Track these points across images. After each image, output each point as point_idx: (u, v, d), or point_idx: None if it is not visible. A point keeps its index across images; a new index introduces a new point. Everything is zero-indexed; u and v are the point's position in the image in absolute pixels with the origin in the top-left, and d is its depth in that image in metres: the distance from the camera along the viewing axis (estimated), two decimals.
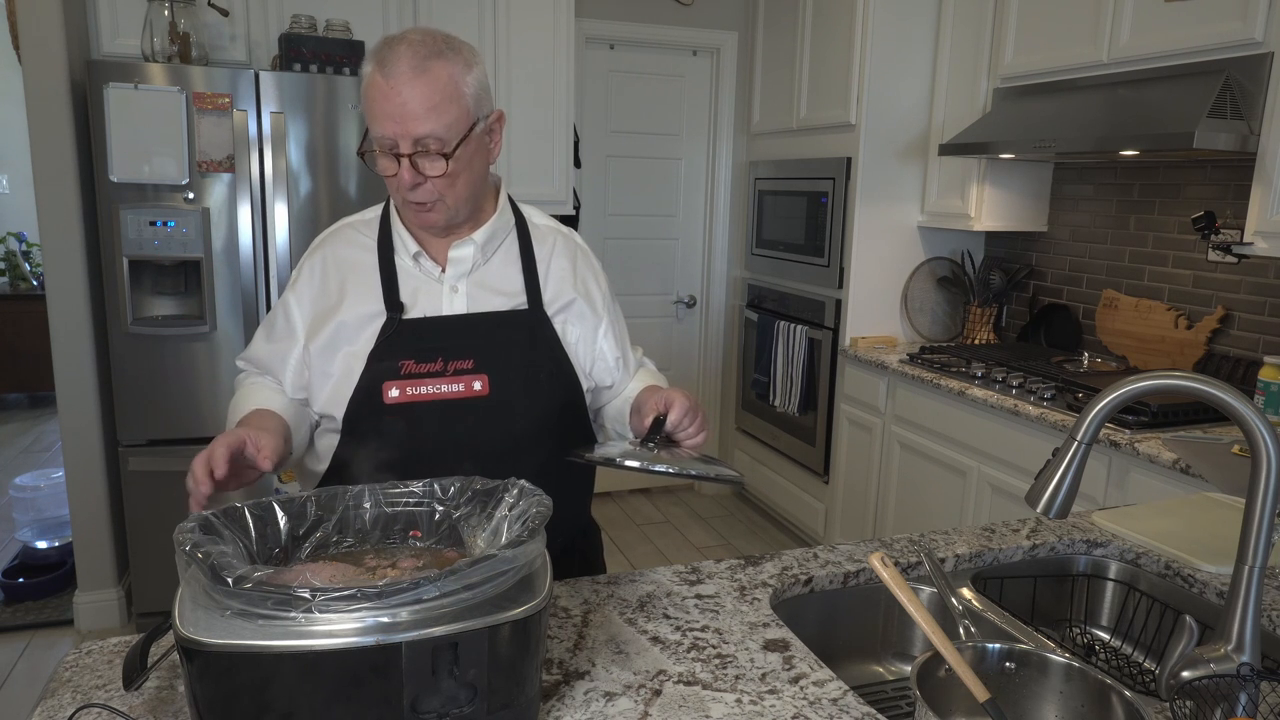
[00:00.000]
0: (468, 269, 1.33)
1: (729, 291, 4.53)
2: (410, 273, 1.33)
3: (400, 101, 1.18)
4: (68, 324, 2.91)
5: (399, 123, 1.18)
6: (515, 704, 0.85)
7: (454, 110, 1.20)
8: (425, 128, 1.19)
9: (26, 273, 5.93)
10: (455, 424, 1.28)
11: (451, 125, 1.20)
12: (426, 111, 1.18)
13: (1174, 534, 1.46)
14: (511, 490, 1.00)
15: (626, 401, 1.40)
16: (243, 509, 0.95)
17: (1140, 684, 1.16)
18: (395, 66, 1.18)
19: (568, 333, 1.37)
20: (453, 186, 1.25)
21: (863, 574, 1.33)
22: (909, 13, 3.35)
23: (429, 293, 1.32)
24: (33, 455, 5.08)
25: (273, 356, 1.36)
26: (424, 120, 1.18)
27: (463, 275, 1.33)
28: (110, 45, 2.95)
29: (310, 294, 1.35)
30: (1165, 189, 2.88)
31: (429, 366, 1.27)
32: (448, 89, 1.19)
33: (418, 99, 1.18)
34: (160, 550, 2.96)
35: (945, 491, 2.95)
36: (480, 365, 1.28)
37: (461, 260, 1.33)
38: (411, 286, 1.32)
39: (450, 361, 1.28)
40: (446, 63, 1.20)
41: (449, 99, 1.20)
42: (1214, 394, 0.91)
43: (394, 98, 1.18)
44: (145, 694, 0.96)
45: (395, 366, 1.27)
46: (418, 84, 1.18)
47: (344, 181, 3.01)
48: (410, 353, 1.27)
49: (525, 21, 3.46)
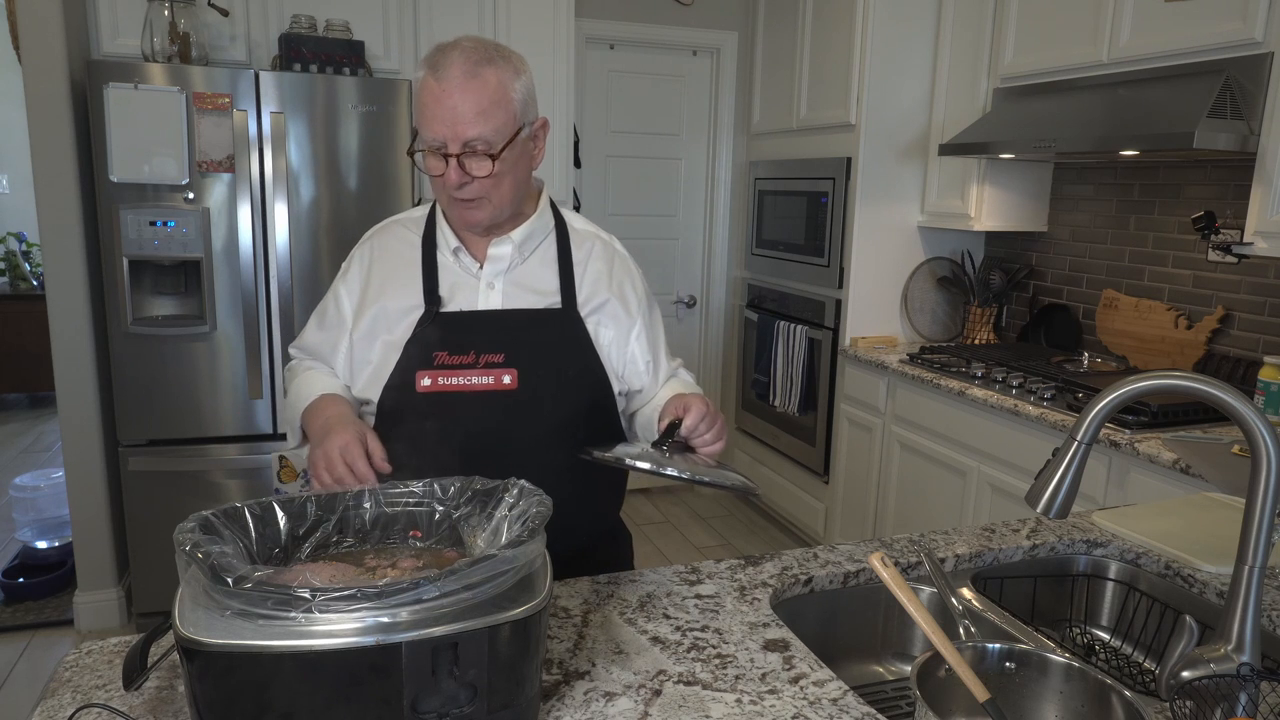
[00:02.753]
0: (505, 266, 1.37)
1: (729, 291, 4.53)
2: (450, 268, 1.38)
3: (451, 105, 1.23)
4: (68, 324, 2.91)
5: (449, 125, 1.23)
6: (515, 704, 0.85)
7: (501, 115, 1.25)
8: (474, 131, 1.24)
9: (26, 273, 5.93)
10: (484, 416, 1.31)
11: (499, 129, 1.25)
12: (475, 115, 1.23)
13: (1174, 534, 1.46)
14: (511, 490, 1.00)
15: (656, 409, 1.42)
16: (243, 509, 0.95)
17: (1140, 684, 1.16)
18: (448, 71, 1.23)
19: (600, 334, 1.39)
20: (498, 187, 1.29)
21: (863, 574, 1.33)
22: (909, 13, 3.35)
23: (467, 288, 1.37)
24: (33, 455, 5.08)
25: (324, 344, 1.42)
26: (473, 124, 1.23)
27: (500, 273, 1.37)
28: (110, 45, 2.95)
29: (358, 283, 1.41)
30: (1165, 189, 2.88)
31: (461, 359, 1.31)
32: (496, 94, 1.25)
33: (468, 103, 1.23)
34: (160, 550, 2.96)
35: (945, 491, 2.95)
36: (511, 360, 1.31)
37: (499, 258, 1.37)
38: (450, 281, 1.37)
39: (482, 355, 1.31)
40: (496, 69, 1.25)
41: (497, 104, 1.25)
42: (1214, 394, 0.91)
43: (445, 101, 1.23)
44: (145, 694, 0.96)
45: (429, 356, 1.31)
46: (469, 89, 1.23)
47: (344, 181, 3.01)
48: (444, 344, 1.31)
49: (525, 21, 3.46)
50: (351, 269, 1.43)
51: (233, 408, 3.01)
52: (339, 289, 1.42)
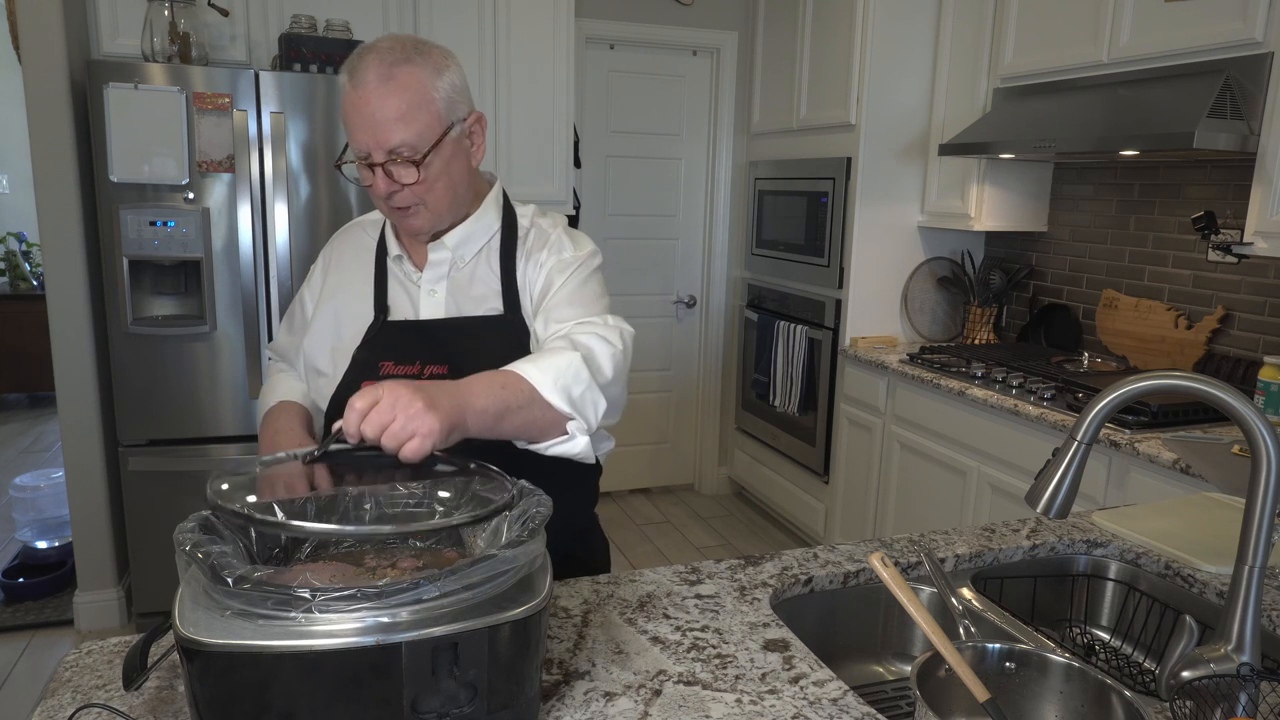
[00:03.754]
0: (445, 272, 1.34)
1: (729, 291, 4.53)
2: (396, 274, 1.36)
3: (370, 112, 1.18)
4: (68, 324, 2.91)
5: (370, 133, 1.19)
6: (515, 704, 0.85)
7: (423, 117, 1.20)
8: (396, 137, 1.19)
9: (26, 273, 5.93)
10: None
11: (422, 133, 1.20)
12: (395, 121, 1.18)
13: (1174, 534, 1.46)
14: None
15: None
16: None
17: (1140, 684, 1.16)
18: (363, 76, 1.18)
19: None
20: (431, 191, 1.25)
21: (863, 574, 1.33)
22: (909, 13, 3.35)
23: (410, 295, 1.35)
24: (33, 455, 5.08)
25: (290, 348, 1.42)
26: (394, 129, 1.19)
27: (440, 278, 1.34)
28: (110, 45, 2.95)
29: (318, 286, 1.40)
30: (1165, 189, 2.88)
31: (407, 369, 1.28)
32: (416, 96, 1.19)
33: (387, 108, 1.18)
34: (160, 550, 2.96)
35: (945, 491, 2.95)
36: (455, 370, 1.26)
37: (438, 263, 1.34)
38: (397, 288, 1.35)
39: (427, 365, 1.29)
40: (414, 68, 1.20)
41: (417, 106, 1.19)
42: (1214, 394, 0.91)
43: (364, 108, 1.18)
44: (145, 694, 0.96)
45: (376, 365, 1.29)
46: (385, 93, 1.18)
47: (344, 181, 3.00)
48: (390, 354, 1.29)
49: (525, 21, 3.46)
50: (314, 274, 1.42)
51: (233, 408, 3.01)
52: (304, 293, 1.42)
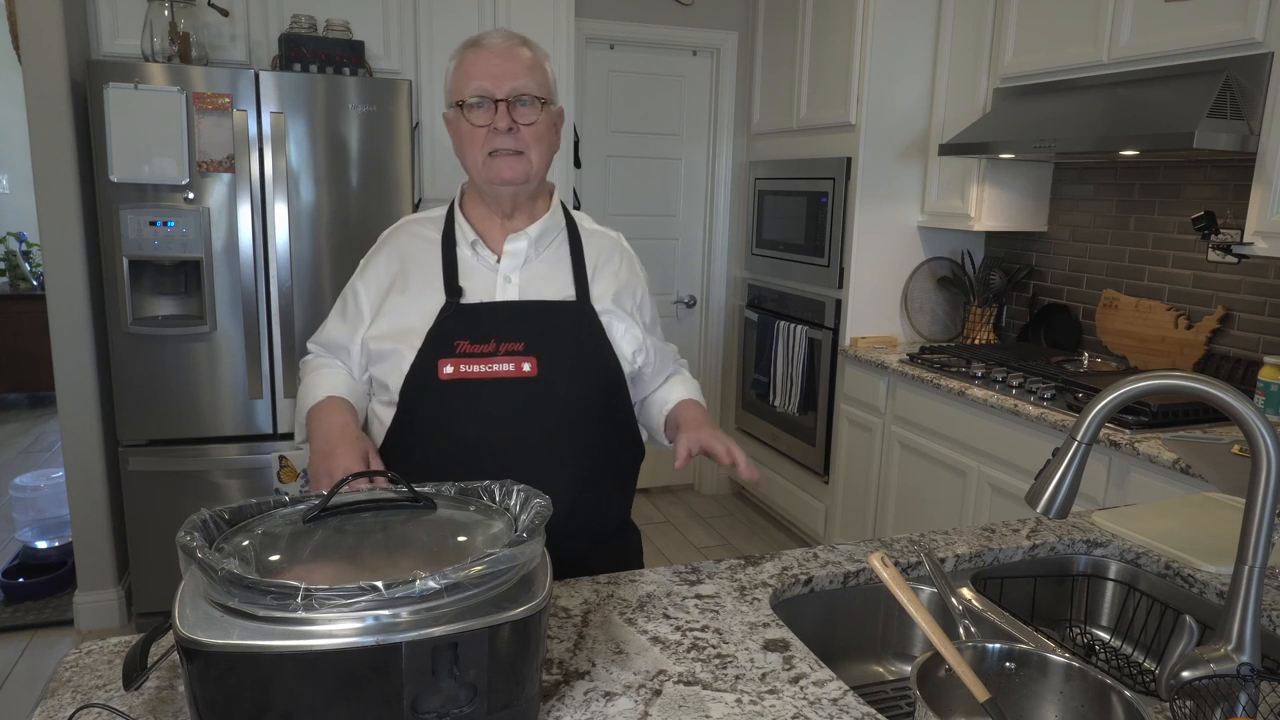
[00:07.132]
0: (521, 261, 1.42)
1: (729, 291, 4.53)
2: (468, 262, 1.41)
3: (498, 61, 1.33)
4: (68, 324, 2.91)
5: (496, 78, 1.32)
6: (515, 704, 0.85)
7: (541, 78, 1.36)
8: (521, 81, 1.33)
9: (26, 273, 5.93)
10: (505, 401, 1.34)
11: (542, 86, 1.36)
12: (522, 69, 1.33)
13: (1174, 534, 1.46)
14: (512, 491, 1.00)
15: (660, 407, 1.51)
16: (243, 509, 0.95)
17: (1140, 684, 1.16)
18: (490, 40, 1.34)
19: (614, 326, 1.43)
20: (538, 143, 1.36)
21: (863, 574, 1.33)
22: (909, 13, 3.35)
23: (485, 281, 1.40)
24: (33, 455, 5.08)
25: (344, 337, 1.46)
26: (520, 75, 1.33)
27: (516, 267, 1.41)
28: (110, 45, 2.95)
29: (377, 280, 1.44)
30: (1165, 189, 2.88)
31: (482, 347, 1.35)
32: (537, 60, 1.36)
33: (516, 58, 1.34)
34: (160, 550, 2.96)
35: (945, 491, 2.95)
36: (530, 348, 1.35)
37: (516, 252, 1.41)
38: (469, 274, 1.40)
39: (502, 343, 1.35)
40: (531, 49, 1.37)
41: (537, 67, 1.36)
42: (1214, 394, 0.91)
43: (491, 58, 1.33)
44: (145, 694, 0.96)
45: (451, 345, 1.34)
46: (513, 51, 1.34)
47: (344, 182, 3.01)
48: (466, 333, 1.35)
49: (525, 21, 3.46)
50: (369, 267, 1.46)
51: (233, 408, 3.01)
52: (357, 285, 1.46)
